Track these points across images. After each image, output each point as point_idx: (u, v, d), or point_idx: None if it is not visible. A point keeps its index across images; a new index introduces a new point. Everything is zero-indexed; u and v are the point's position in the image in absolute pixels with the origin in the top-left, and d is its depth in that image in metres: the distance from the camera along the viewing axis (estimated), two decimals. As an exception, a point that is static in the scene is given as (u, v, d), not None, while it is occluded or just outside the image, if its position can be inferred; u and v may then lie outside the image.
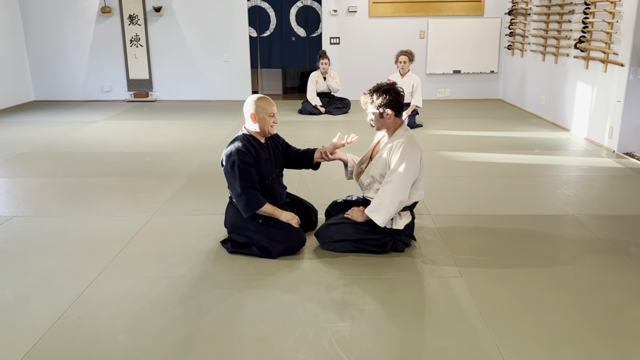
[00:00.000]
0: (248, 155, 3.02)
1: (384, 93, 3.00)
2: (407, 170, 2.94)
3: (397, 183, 2.94)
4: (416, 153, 2.99)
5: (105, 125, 6.98)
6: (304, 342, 2.29)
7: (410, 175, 2.96)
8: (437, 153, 5.42)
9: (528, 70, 7.79)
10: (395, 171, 2.95)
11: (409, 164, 2.94)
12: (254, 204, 3.02)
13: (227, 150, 3.08)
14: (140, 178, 4.62)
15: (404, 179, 2.94)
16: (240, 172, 2.99)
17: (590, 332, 2.36)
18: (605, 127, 5.60)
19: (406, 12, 8.57)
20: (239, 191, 3.00)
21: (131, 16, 8.58)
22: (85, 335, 2.35)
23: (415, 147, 3.01)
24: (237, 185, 3.00)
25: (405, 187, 2.95)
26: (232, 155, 3.02)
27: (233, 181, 3.02)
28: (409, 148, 2.97)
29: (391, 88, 3.03)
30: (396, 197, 2.93)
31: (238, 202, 3.04)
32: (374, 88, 3.07)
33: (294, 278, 2.85)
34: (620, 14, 5.28)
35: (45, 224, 3.63)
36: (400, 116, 3.09)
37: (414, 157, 2.97)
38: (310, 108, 7.61)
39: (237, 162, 2.99)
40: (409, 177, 2.96)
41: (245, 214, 3.04)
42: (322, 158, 3.35)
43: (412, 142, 3.01)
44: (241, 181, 2.99)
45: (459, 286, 2.76)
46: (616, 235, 3.39)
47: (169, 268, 2.97)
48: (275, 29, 8.85)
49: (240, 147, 3.02)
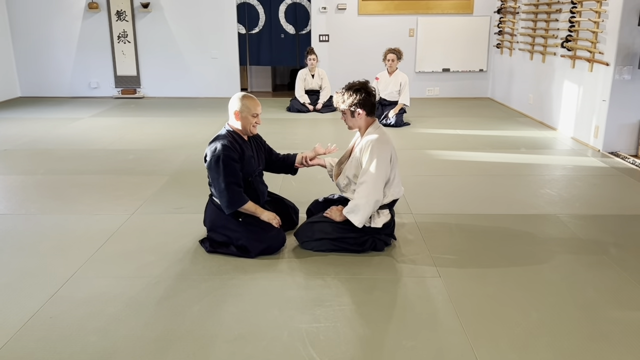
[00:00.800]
0: (233, 151, 3.00)
1: (356, 92, 2.99)
2: (378, 169, 2.93)
3: (370, 183, 2.93)
4: (385, 151, 2.98)
5: (90, 122, 6.92)
6: (278, 343, 2.27)
7: (381, 174, 2.95)
8: (423, 152, 5.42)
9: (516, 69, 7.80)
10: (366, 172, 2.95)
11: (379, 163, 2.94)
12: (237, 201, 3.00)
13: (211, 146, 3.05)
14: (123, 176, 4.58)
15: (376, 178, 2.94)
16: (225, 168, 2.96)
17: (565, 332, 2.35)
18: (591, 127, 5.61)
19: (395, 10, 8.55)
20: (222, 187, 2.97)
21: (119, 12, 8.51)
22: (56, 335, 2.31)
23: (385, 146, 2.99)
24: (220, 181, 2.97)
25: (378, 187, 2.95)
26: (217, 150, 2.99)
27: (217, 177, 2.98)
28: (377, 147, 2.95)
29: (363, 87, 3.01)
30: (371, 197, 2.93)
31: (221, 199, 3.01)
32: (346, 87, 3.06)
33: (272, 278, 2.83)
34: (606, 14, 5.28)
35: (23, 222, 3.59)
36: (372, 115, 3.08)
37: (383, 156, 2.96)
38: (298, 106, 7.59)
39: (222, 157, 2.95)
40: (380, 177, 2.95)
41: (228, 210, 3.01)
42: (302, 164, 3.37)
43: (382, 140, 2.99)
44: (225, 177, 2.96)
45: (436, 286, 2.74)
46: (597, 235, 3.39)
47: (145, 267, 2.94)
48: (264, 26, 8.80)
49: (225, 143, 3.00)
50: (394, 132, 6.32)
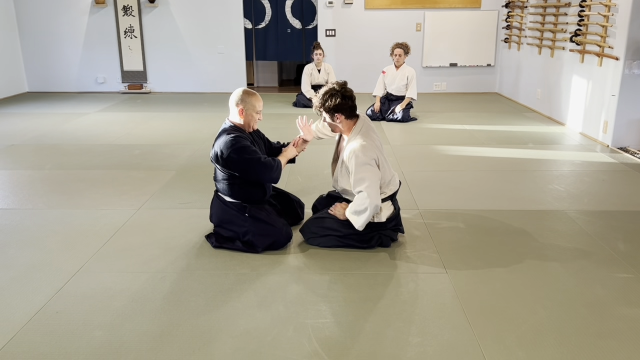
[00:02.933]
0: (245, 139, 3.02)
1: (331, 97, 2.94)
2: (368, 177, 2.89)
3: (366, 191, 2.87)
4: (369, 156, 2.92)
5: (97, 117, 6.93)
6: (283, 338, 2.27)
7: (373, 179, 2.90)
8: (430, 147, 5.38)
9: (524, 64, 7.73)
10: (358, 182, 2.90)
11: (367, 170, 2.89)
12: (276, 167, 3.04)
13: (220, 141, 3.01)
14: (129, 171, 4.59)
15: (370, 185, 2.88)
16: (248, 152, 2.96)
17: (572, 329, 2.33)
18: (600, 122, 5.56)
19: (402, 4, 8.50)
20: (260, 163, 2.97)
21: (125, 7, 8.51)
22: (62, 330, 2.32)
23: (368, 151, 2.92)
24: (254, 163, 2.97)
25: (374, 192, 2.89)
26: (232, 144, 2.95)
27: (246, 164, 2.97)
28: (361, 155, 2.90)
29: (338, 91, 2.95)
30: (369, 203, 2.87)
31: (265, 176, 3.02)
32: (322, 92, 3.00)
33: (277, 273, 2.82)
34: (615, 7, 5.22)
35: (29, 216, 3.60)
36: (352, 117, 3.03)
37: (368, 162, 2.91)
38: (304, 100, 7.56)
39: (241, 146, 2.95)
40: (373, 182, 2.90)
41: (277, 179, 3.06)
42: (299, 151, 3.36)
43: (365, 146, 2.92)
44: (253, 158, 2.97)
45: (443, 282, 2.73)
46: (605, 231, 3.36)
47: (151, 262, 2.94)
48: (271, 20, 8.78)
49: (235, 135, 3.00)
50: (401, 127, 6.29)
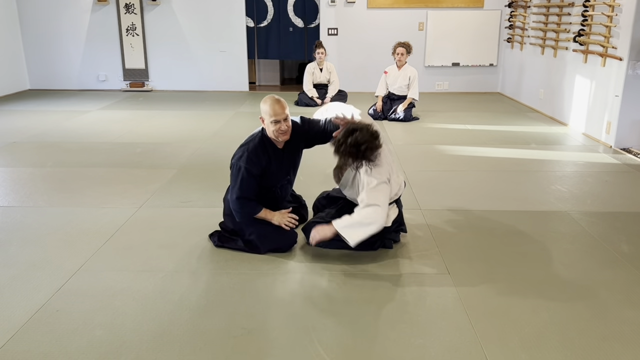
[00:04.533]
0: (256, 166, 2.92)
1: (350, 155, 2.70)
2: (382, 198, 2.77)
3: (380, 206, 2.76)
4: (384, 174, 2.79)
5: (99, 115, 6.92)
6: (285, 338, 2.25)
7: (386, 201, 2.80)
8: (432, 147, 5.36)
9: (527, 64, 7.70)
10: (374, 196, 2.75)
11: (381, 190, 2.77)
12: (248, 213, 2.99)
13: (240, 149, 2.97)
14: (130, 169, 4.57)
15: (384, 203, 2.78)
16: (242, 181, 2.92)
17: (576, 331, 2.31)
18: (603, 122, 5.53)
19: (405, 4, 8.47)
20: (234, 197, 2.95)
21: (127, 5, 8.49)
22: (62, 329, 2.31)
23: (383, 167, 2.79)
24: (235, 191, 2.95)
25: (385, 214, 2.78)
26: (240, 159, 2.92)
27: (233, 184, 2.96)
28: (377, 173, 2.76)
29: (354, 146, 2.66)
30: (379, 220, 2.76)
31: (232, 207, 2.99)
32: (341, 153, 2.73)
33: (279, 273, 2.81)
34: (619, 7, 5.19)
35: (30, 214, 3.58)
36: (379, 147, 2.78)
37: (383, 180, 2.78)
38: (306, 99, 7.54)
39: (242, 171, 2.90)
40: (385, 203, 2.79)
41: (238, 219, 3.00)
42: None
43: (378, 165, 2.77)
44: (240, 190, 2.93)
45: (445, 283, 2.71)
46: (608, 233, 3.34)
47: (152, 261, 2.93)
48: (273, 19, 8.75)
49: (251, 155, 2.91)
50: (403, 126, 6.27)
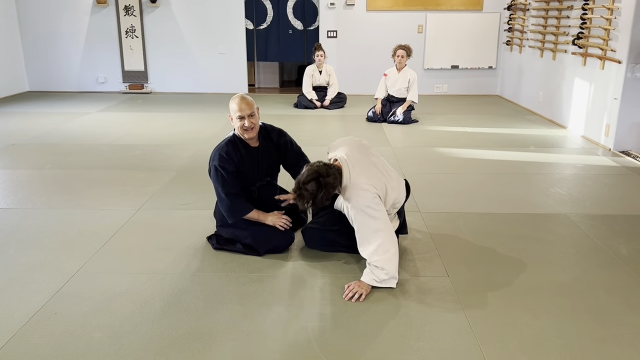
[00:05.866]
0: (229, 163, 2.95)
1: (319, 192, 2.58)
2: (381, 227, 2.64)
3: (384, 238, 2.63)
4: (372, 198, 2.64)
5: (98, 117, 6.92)
6: (283, 341, 2.25)
7: (387, 226, 2.66)
8: (431, 149, 5.37)
9: (526, 67, 7.71)
10: (372, 237, 2.63)
11: (376, 219, 2.64)
12: (237, 210, 2.98)
13: (214, 151, 3.01)
14: (129, 171, 4.57)
15: (385, 231, 2.65)
16: (222, 179, 2.93)
17: (575, 334, 2.31)
18: (602, 125, 5.54)
19: (404, 6, 8.49)
20: (222, 196, 2.96)
21: (127, 7, 8.50)
22: (61, 331, 2.30)
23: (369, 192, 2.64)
24: (220, 191, 2.96)
25: (392, 236, 2.68)
26: (213, 159, 2.97)
27: (216, 185, 2.97)
28: (364, 203, 2.63)
29: (318, 181, 2.57)
30: (391, 247, 2.65)
31: (221, 207, 2.99)
32: (298, 190, 2.62)
33: (278, 276, 2.81)
34: (618, 10, 5.21)
35: (29, 216, 3.58)
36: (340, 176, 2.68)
37: (375, 207, 2.64)
38: (305, 102, 7.55)
39: (219, 170, 2.92)
40: (387, 228, 2.66)
41: (229, 220, 3.00)
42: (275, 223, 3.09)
43: (365, 190, 2.65)
44: (223, 187, 2.94)
45: (444, 286, 2.71)
46: (608, 236, 3.34)
47: (151, 263, 2.92)
48: (272, 21, 8.76)
49: (222, 153, 2.95)
50: (402, 129, 6.27)
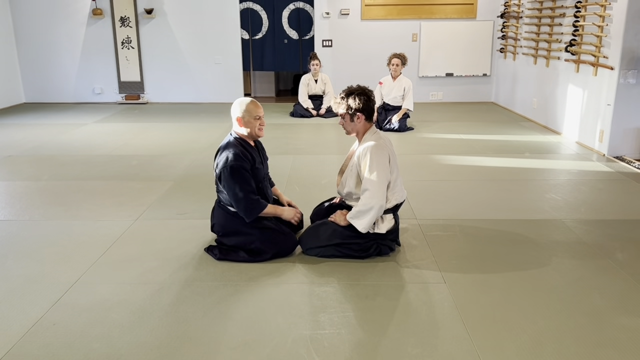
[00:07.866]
0: (245, 161, 3.01)
1: (357, 96, 3.00)
2: (379, 175, 2.94)
3: (373, 189, 2.93)
4: (383, 156, 2.98)
5: (94, 127, 6.93)
6: (282, 350, 2.26)
7: (382, 179, 2.95)
8: (427, 156, 5.40)
9: (520, 73, 7.78)
10: (368, 179, 2.95)
11: (379, 168, 2.94)
12: (256, 208, 3.03)
13: (222, 155, 3.04)
14: (126, 181, 4.58)
15: (378, 184, 2.93)
16: (240, 178, 2.98)
17: (571, 338, 2.33)
18: (596, 131, 5.59)
19: (398, 15, 8.56)
20: (240, 196, 2.98)
21: (122, 18, 8.54)
22: (59, 343, 2.30)
23: (382, 150, 2.99)
24: (237, 191, 2.98)
25: (381, 192, 2.95)
26: (229, 160, 2.98)
27: (233, 187, 2.99)
28: (375, 153, 2.96)
29: (364, 93, 3.03)
30: (374, 202, 2.92)
31: (238, 208, 3.02)
32: (346, 91, 3.07)
33: (276, 284, 2.82)
34: (610, 17, 5.27)
35: (26, 228, 3.58)
36: (370, 120, 3.09)
37: (381, 161, 2.96)
38: (301, 111, 7.58)
39: (236, 167, 2.97)
40: (382, 182, 2.95)
41: (249, 218, 3.03)
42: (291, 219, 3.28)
43: (379, 145, 2.99)
44: (242, 186, 2.98)
45: (441, 292, 2.72)
46: (602, 240, 3.37)
47: (149, 273, 2.93)
48: (268, 31, 8.82)
49: (237, 152, 3.00)
50: (398, 136, 6.31)
